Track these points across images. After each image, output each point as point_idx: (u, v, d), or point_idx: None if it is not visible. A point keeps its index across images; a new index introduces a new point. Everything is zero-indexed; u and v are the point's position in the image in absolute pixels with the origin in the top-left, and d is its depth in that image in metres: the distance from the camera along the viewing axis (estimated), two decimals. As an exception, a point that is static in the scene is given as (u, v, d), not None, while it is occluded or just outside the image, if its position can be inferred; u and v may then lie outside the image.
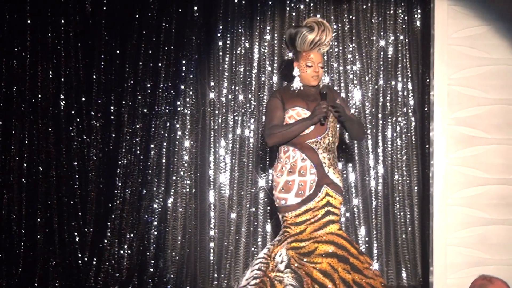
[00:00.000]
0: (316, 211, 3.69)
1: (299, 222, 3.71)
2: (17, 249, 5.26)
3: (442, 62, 4.72)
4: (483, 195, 4.72)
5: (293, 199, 3.69)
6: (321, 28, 3.72)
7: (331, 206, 3.71)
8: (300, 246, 3.67)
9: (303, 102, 3.75)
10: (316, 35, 3.71)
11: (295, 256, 3.64)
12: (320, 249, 3.63)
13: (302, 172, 3.69)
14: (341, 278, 3.56)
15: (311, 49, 3.75)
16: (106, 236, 5.23)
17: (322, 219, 3.70)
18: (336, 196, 3.73)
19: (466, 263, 4.67)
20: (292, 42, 3.79)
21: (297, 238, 3.70)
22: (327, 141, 3.72)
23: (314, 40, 3.71)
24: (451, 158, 4.71)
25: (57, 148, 5.30)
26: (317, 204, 3.69)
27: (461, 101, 4.73)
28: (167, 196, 5.23)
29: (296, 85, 3.81)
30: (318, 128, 3.69)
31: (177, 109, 5.25)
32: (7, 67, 5.33)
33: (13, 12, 5.33)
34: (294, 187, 3.69)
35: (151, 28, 5.26)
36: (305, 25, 3.78)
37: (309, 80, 3.79)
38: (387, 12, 5.17)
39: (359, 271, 3.63)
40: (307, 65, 3.75)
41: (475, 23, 4.76)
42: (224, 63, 5.23)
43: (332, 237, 3.69)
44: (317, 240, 3.67)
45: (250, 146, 5.21)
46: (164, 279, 5.15)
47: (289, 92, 3.82)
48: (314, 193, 3.69)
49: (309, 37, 3.70)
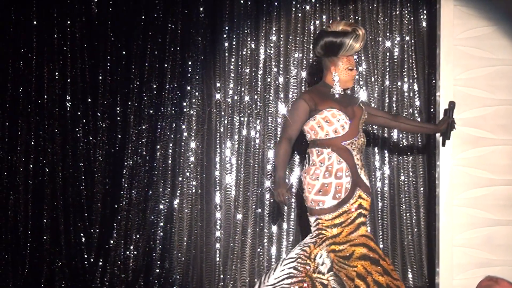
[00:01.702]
0: (350, 213, 3.69)
1: (336, 224, 3.69)
2: (23, 250, 5.27)
3: (448, 62, 4.71)
4: (489, 196, 4.71)
5: (330, 201, 3.66)
6: (364, 36, 3.74)
7: (362, 208, 3.73)
8: (340, 249, 3.66)
9: (337, 104, 3.75)
10: (361, 44, 3.75)
11: (335, 259, 3.64)
12: (357, 252, 3.65)
13: (339, 175, 3.68)
14: (375, 280, 3.57)
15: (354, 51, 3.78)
16: (112, 237, 5.24)
17: (354, 221, 3.71)
18: (366, 198, 3.76)
19: (472, 264, 4.67)
20: (334, 50, 3.75)
21: (335, 241, 3.68)
22: (361, 142, 3.76)
23: (359, 48, 3.76)
24: (457, 159, 4.70)
25: (63, 149, 5.31)
26: (350, 206, 3.69)
27: (467, 102, 4.72)
28: (173, 197, 5.23)
29: (338, 90, 3.81)
30: (352, 129, 3.72)
31: (183, 110, 5.25)
32: (13, 68, 5.34)
33: (19, 13, 5.34)
34: (331, 190, 3.67)
35: (157, 29, 5.26)
36: (344, 31, 3.75)
37: (350, 83, 3.83)
38: (393, 13, 5.16)
39: (388, 273, 3.64)
40: (348, 68, 3.78)
41: (481, 24, 4.74)
42: (230, 64, 5.24)
43: (363, 239, 3.70)
44: (353, 243, 3.67)
45: (256, 147, 5.22)
46: (170, 280, 5.16)
47: (321, 93, 3.82)
48: (348, 196, 3.68)
49: (356, 46, 3.71)
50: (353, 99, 3.99)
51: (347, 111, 3.74)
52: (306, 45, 5.19)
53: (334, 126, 3.73)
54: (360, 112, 3.81)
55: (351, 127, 3.72)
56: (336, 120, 3.71)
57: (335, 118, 3.71)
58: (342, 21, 4.16)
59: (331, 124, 3.73)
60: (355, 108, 3.81)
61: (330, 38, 3.73)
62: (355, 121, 3.77)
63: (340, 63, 3.77)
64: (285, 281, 3.61)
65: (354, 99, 3.94)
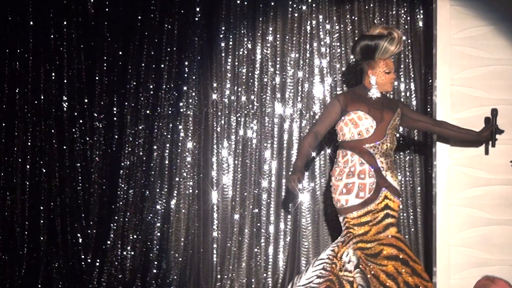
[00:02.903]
0: (376, 213, 3.78)
1: (363, 222, 3.78)
2: (20, 250, 5.26)
3: (444, 62, 4.71)
4: (486, 195, 4.71)
5: (354, 200, 3.77)
6: (400, 39, 3.80)
7: (389, 209, 3.80)
8: (367, 247, 3.75)
9: (366, 107, 3.84)
10: (397, 46, 3.80)
11: (362, 256, 3.70)
12: (385, 251, 3.71)
13: (362, 176, 3.78)
14: (405, 281, 3.61)
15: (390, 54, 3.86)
16: (109, 237, 5.23)
17: (382, 222, 3.79)
18: (394, 199, 3.82)
19: (469, 263, 4.67)
20: (370, 53, 3.83)
21: (362, 239, 3.77)
22: (385, 147, 3.83)
23: (396, 51, 3.80)
24: (454, 158, 4.70)
25: (60, 150, 5.30)
26: (377, 206, 3.77)
27: (464, 101, 4.72)
28: (170, 197, 5.23)
29: (374, 93, 3.91)
30: (377, 133, 3.81)
31: (179, 111, 5.25)
32: (9, 69, 5.32)
33: (15, 13, 5.32)
34: (354, 189, 3.77)
35: (153, 29, 5.26)
36: (380, 34, 3.84)
37: (388, 86, 3.91)
38: (389, 12, 5.15)
39: (419, 275, 3.70)
40: (385, 72, 3.85)
41: (478, 23, 4.74)
42: (227, 64, 5.23)
43: (393, 240, 3.77)
44: (381, 243, 3.75)
45: (253, 147, 5.21)
46: (167, 280, 5.15)
47: (356, 95, 3.91)
48: (374, 196, 3.77)
49: (391, 48, 3.79)
50: (391, 103, 4.03)
51: (375, 114, 3.80)
52: (303, 45, 5.19)
53: (359, 129, 3.83)
54: (389, 117, 3.86)
55: (376, 131, 3.81)
56: (361, 122, 3.81)
57: (361, 121, 3.81)
58: (380, 25, 4.25)
59: (356, 126, 3.82)
60: (386, 112, 3.85)
61: (366, 42, 3.84)
62: (383, 125, 3.83)
63: (377, 66, 3.85)
64: (314, 281, 3.72)
65: (392, 103, 4.01)
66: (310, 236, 5.11)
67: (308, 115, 5.16)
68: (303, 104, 5.17)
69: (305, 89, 5.18)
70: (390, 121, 3.87)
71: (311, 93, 5.18)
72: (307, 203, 5.14)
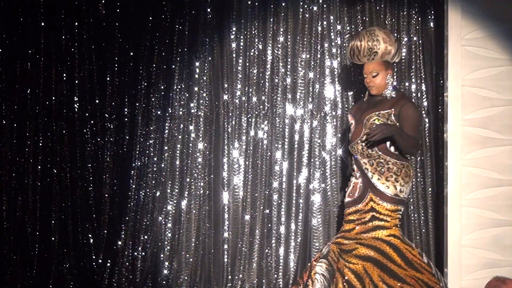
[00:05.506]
0: (364, 213, 3.86)
1: (349, 220, 3.91)
2: (31, 251, 5.29)
3: (455, 63, 4.72)
4: (497, 196, 4.71)
5: (347, 198, 3.96)
6: (358, 38, 3.83)
7: (375, 212, 3.83)
8: (343, 243, 3.85)
9: (355, 109, 4.09)
10: (353, 45, 3.91)
11: (335, 250, 3.82)
12: (359, 250, 3.74)
13: (354, 176, 3.97)
14: (374, 283, 3.60)
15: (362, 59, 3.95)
16: (120, 238, 5.26)
17: (369, 223, 3.84)
18: (380, 202, 3.79)
19: (480, 264, 4.67)
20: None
21: (344, 235, 3.90)
22: (360, 147, 3.83)
23: (353, 50, 3.91)
24: (465, 159, 4.71)
25: (71, 150, 5.33)
26: (363, 207, 3.86)
27: (474, 102, 4.72)
28: (181, 198, 5.24)
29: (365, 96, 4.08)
30: (355, 133, 3.94)
31: (190, 111, 5.26)
32: (21, 70, 5.35)
33: (27, 14, 5.35)
34: (349, 188, 3.96)
35: (164, 30, 5.27)
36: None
37: (371, 90, 3.99)
38: (400, 13, 5.15)
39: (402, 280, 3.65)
40: (364, 76, 3.99)
41: (488, 24, 4.74)
42: (238, 64, 5.24)
43: (376, 242, 3.78)
44: (360, 242, 3.81)
45: (264, 147, 5.22)
46: (178, 281, 5.16)
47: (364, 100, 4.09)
48: (361, 196, 3.87)
49: (348, 48, 3.97)
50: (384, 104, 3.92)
51: (356, 115, 3.94)
52: (314, 45, 5.18)
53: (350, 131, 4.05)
54: (364, 117, 3.87)
55: (355, 131, 3.96)
56: (351, 125, 4.03)
57: (350, 123, 4.06)
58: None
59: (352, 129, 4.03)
60: (366, 112, 3.90)
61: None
62: (360, 126, 3.88)
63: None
64: None
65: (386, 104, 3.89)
66: (321, 237, 5.10)
67: (319, 115, 5.16)
68: (314, 104, 5.17)
69: (316, 90, 5.17)
70: (364, 121, 3.89)
71: (322, 94, 5.18)
72: (318, 204, 5.14)
